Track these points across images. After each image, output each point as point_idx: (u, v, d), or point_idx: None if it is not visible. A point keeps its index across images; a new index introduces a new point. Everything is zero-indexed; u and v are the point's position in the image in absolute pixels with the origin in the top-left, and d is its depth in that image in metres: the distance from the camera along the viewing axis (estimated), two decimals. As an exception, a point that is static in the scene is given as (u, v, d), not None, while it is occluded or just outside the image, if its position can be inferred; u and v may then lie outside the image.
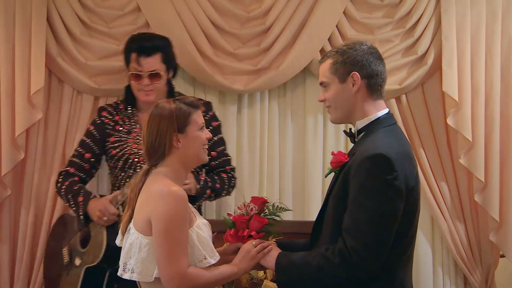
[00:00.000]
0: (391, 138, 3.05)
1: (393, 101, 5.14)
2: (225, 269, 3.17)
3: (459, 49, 5.09)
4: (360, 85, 3.09)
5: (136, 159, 4.14)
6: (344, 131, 3.29)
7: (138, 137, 4.13)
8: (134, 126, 4.23)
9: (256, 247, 3.19)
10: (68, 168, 4.28)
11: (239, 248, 3.25)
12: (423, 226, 5.23)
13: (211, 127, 3.99)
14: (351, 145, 3.28)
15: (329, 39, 5.12)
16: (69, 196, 4.13)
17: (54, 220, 4.79)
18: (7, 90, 4.94)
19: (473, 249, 5.16)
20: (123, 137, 4.21)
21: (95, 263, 4.03)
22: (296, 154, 5.30)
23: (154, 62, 4.13)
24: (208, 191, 4.27)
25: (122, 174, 4.17)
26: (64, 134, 5.00)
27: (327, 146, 5.23)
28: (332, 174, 3.16)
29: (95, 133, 4.27)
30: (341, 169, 3.06)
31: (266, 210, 3.39)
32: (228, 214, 3.40)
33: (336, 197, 3.04)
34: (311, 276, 3.01)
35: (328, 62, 3.14)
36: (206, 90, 5.23)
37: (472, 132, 5.03)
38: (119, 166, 4.18)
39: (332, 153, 3.14)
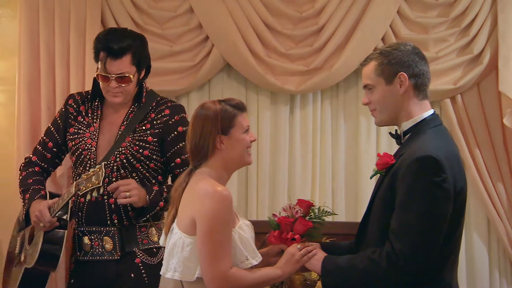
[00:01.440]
0: (439, 139, 2.97)
1: (448, 101, 5.06)
2: (268, 271, 3.10)
3: (516, 47, 5.03)
4: (407, 85, 3.01)
5: (87, 157, 3.73)
6: (390, 133, 3.20)
7: (95, 132, 3.75)
8: (95, 120, 3.78)
9: (301, 250, 3.11)
10: (31, 156, 3.94)
11: (282, 250, 3.19)
12: (479, 228, 5.14)
13: (176, 132, 3.68)
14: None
15: (383, 39, 5.07)
16: (21, 190, 3.83)
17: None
18: (63, 91, 4.94)
19: (531, 251, 5.09)
20: (82, 129, 3.79)
21: (31, 266, 3.75)
22: (349, 155, 5.25)
23: (122, 65, 3.64)
24: (161, 203, 3.72)
25: (75, 170, 3.79)
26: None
27: (380, 147, 5.17)
28: (378, 175, 3.09)
29: (59, 121, 3.87)
30: (387, 171, 3.00)
31: (312, 214, 3.30)
32: (274, 215, 3.31)
33: (382, 199, 2.97)
34: (357, 279, 2.94)
35: (372, 64, 3.07)
36: (258, 90, 5.21)
37: (530, 132, 4.99)
38: (72, 161, 3.81)
39: (378, 155, 3.08)
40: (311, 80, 5.06)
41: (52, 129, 3.88)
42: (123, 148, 3.67)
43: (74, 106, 3.83)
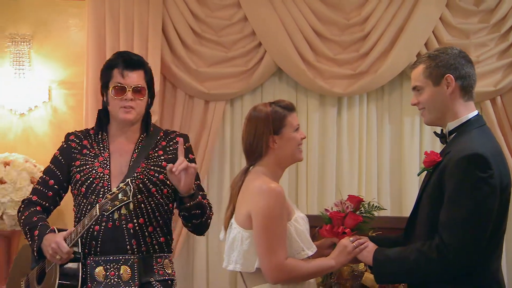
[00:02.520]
0: (484, 138, 2.97)
1: (488, 102, 5.05)
2: (322, 262, 3.13)
3: (553, 52, 4.98)
4: (454, 87, 3.01)
5: (100, 184, 3.42)
6: (435, 133, 3.21)
7: (105, 161, 3.47)
8: (102, 151, 3.50)
9: (353, 243, 3.13)
10: (30, 197, 3.57)
11: (334, 243, 3.21)
12: None
13: (187, 159, 3.36)
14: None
15: (426, 44, 5.08)
16: (26, 229, 3.45)
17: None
18: None
19: None
20: (90, 160, 3.49)
21: None
22: (393, 154, 5.26)
23: (138, 77, 3.46)
24: (199, 197, 3.47)
25: (84, 201, 3.43)
26: (178, 134, 5.06)
27: (423, 146, 5.17)
28: (425, 172, 3.08)
29: (60, 158, 3.55)
30: (435, 168, 2.99)
31: (362, 208, 3.32)
32: (326, 210, 3.33)
33: (431, 195, 2.96)
34: (407, 270, 2.95)
35: (421, 67, 3.07)
36: (308, 93, 5.24)
37: None
38: (82, 192, 3.44)
39: (425, 153, 3.07)
40: (358, 83, 5.09)
41: (52, 166, 3.56)
42: (138, 173, 3.42)
43: (77, 141, 3.54)
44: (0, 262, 4.94)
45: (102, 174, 3.43)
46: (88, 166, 3.47)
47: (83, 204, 3.43)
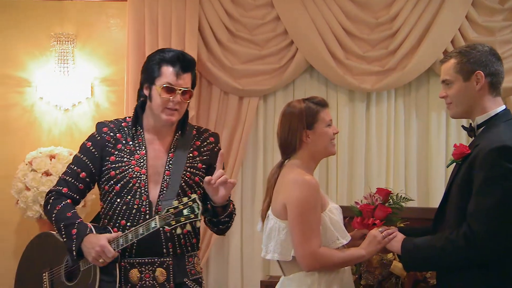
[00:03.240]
0: (511, 131, 2.95)
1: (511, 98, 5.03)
2: (353, 251, 3.15)
3: None
4: (483, 83, 3.00)
5: (136, 185, 3.21)
6: (463, 126, 3.21)
7: (142, 160, 3.24)
8: (138, 148, 3.26)
9: (382, 233, 3.14)
10: (59, 188, 3.28)
11: (364, 234, 3.22)
12: None
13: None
14: (470, 139, 3.19)
15: (452, 41, 5.07)
16: (61, 225, 3.18)
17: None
18: None
19: None
20: (125, 157, 3.24)
21: None
22: (420, 147, 5.26)
23: (188, 80, 3.25)
24: (231, 206, 3.36)
25: (118, 200, 3.21)
26: (213, 130, 5.06)
27: (449, 140, 5.17)
28: (453, 164, 3.09)
29: (93, 150, 3.27)
30: (464, 160, 2.99)
31: (390, 200, 3.33)
32: (356, 203, 3.35)
33: (460, 185, 2.95)
34: (435, 257, 2.94)
35: (452, 61, 3.06)
36: (338, 89, 5.27)
37: None
38: (115, 190, 3.21)
39: (455, 146, 3.06)
40: (386, 80, 5.10)
41: (84, 158, 3.28)
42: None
43: (111, 134, 3.27)
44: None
45: (139, 174, 3.22)
46: (124, 164, 3.23)
47: (116, 203, 3.21)
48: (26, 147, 5.19)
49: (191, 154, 3.33)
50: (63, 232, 3.20)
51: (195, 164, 3.34)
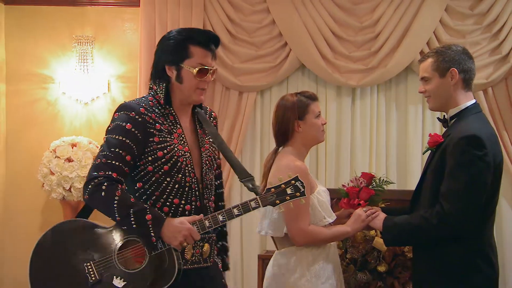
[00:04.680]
0: (480, 123, 2.98)
1: (481, 93, 5.04)
2: (340, 228, 3.17)
3: (537, 49, 4.96)
4: (457, 79, 3.02)
5: (184, 163, 2.81)
6: (438, 118, 3.24)
7: (181, 138, 2.84)
8: (173, 126, 2.84)
9: (366, 212, 3.17)
10: (108, 173, 2.74)
11: (350, 213, 3.24)
12: (507, 195, 5.12)
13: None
14: (444, 129, 3.21)
15: (428, 43, 5.09)
16: (130, 211, 2.70)
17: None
18: None
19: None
20: (168, 137, 2.81)
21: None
22: (399, 136, 5.26)
23: (215, 59, 2.88)
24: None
25: (168, 179, 2.79)
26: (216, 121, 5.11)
27: (425, 130, 5.17)
28: (429, 152, 3.12)
29: (136, 132, 2.76)
30: (437, 148, 3.02)
31: (374, 183, 3.34)
32: (343, 185, 3.37)
33: (434, 170, 2.96)
34: (412, 233, 2.97)
35: (429, 60, 3.06)
36: (327, 85, 5.26)
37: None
38: (164, 170, 2.79)
39: (430, 135, 3.09)
40: (369, 77, 5.11)
41: (127, 141, 2.76)
42: (207, 150, 2.92)
43: (149, 114, 2.79)
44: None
45: (183, 152, 2.81)
46: (168, 144, 2.80)
47: (166, 182, 2.79)
48: (50, 136, 5.21)
49: (212, 130, 2.97)
50: (132, 219, 2.70)
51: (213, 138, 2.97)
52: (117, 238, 2.75)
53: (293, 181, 2.69)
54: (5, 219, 5.36)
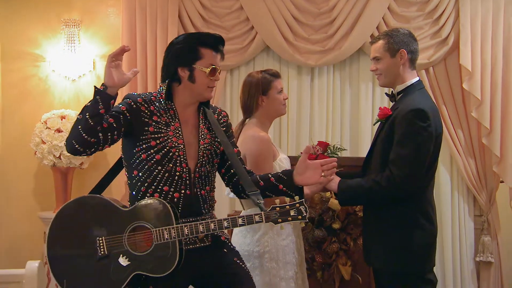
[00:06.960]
0: (424, 97, 2.98)
1: (423, 72, 5.01)
2: None
3: (472, 33, 4.93)
4: (405, 59, 3.00)
5: (176, 153, 2.70)
6: (386, 93, 3.21)
7: (177, 131, 2.73)
8: (172, 120, 2.72)
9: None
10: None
11: None
12: (445, 162, 5.12)
13: (231, 131, 2.94)
14: (391, 103, 3.20)
15: (377, 27, 5.03)
16: (86, 115, 2.54)
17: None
18: (153, 68, 5.01)
19: (481, 177, 5.03)
20: (163, 128, 2.70)
21: (158, 275, 2.59)
22: (352, 110, 5.22)
23: (221, 59, 2.82)
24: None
25: (159, 168, 2.68)
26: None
27: (375, 104, 5.13)
28: (379, 123, 3.10)
29: (127, 113, 2.66)
30: (386, 120, 3.00)
31: (329, 150, 3.38)
32: (301, 153, 3.26)
33: (383, 139, 2.95)
34: (363, 195, 2.95)
35: (381, 42, 3.04)
36: (289, 65, 5.20)
37: (481, 93, 4.90)
38: (155, 159, 2.68)
39: (379, 108, 3.07)
40: (326, 57, 5.05)
41: (117, 115, 2.62)
42: (207, 144, 2.78)
43: (146, 105, 2.70)
44: (58, 191, 4.98)
45: (177, 143, 2.71)
46: (162, 134, 2.70)
47: (157, 170, 2.69)
48: (41, 110, 5.11)
49: (217, 128, 2.83)
50: (86, 112, 2.52)
51: (220, 137, 2.83)
52: (131, 220, 2.64)
53: (297, 204, 2.57)
54: (1, 183, 5.27)
